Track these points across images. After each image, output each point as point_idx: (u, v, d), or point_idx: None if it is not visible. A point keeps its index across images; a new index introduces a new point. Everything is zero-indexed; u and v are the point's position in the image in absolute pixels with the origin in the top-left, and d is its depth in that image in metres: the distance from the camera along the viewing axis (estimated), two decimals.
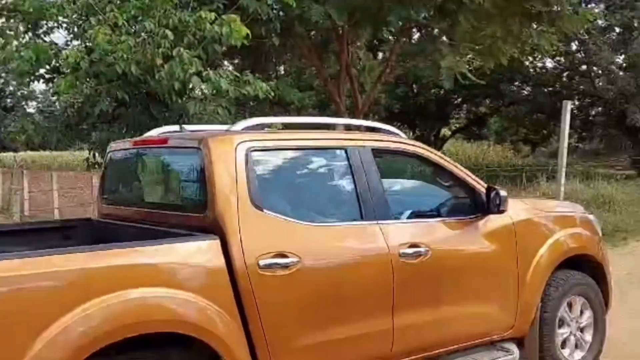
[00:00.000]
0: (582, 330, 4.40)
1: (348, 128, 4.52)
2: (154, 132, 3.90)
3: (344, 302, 3.26)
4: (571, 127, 21.37)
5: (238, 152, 3.12)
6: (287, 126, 4.06)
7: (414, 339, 3.56)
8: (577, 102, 24.26)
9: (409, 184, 4.39)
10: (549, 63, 24.65)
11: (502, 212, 3.84)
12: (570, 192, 11.38)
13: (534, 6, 7.88)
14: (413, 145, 3.95)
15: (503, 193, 3.85)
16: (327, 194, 3.67)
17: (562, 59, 23.67)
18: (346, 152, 3.53)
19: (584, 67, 23.26)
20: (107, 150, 4.16)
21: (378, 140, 3.78)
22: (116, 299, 2.54)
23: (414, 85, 24.57)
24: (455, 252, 3.79)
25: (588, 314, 4.41)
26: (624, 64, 22.64)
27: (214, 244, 2.89)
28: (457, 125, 31.08)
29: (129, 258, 2.71)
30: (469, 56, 9.64)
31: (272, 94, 7.40)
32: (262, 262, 2.95)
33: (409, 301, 3.48)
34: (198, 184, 3.20)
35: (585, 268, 4.43)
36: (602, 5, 22.40)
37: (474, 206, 3.91)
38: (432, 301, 3.63)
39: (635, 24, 22.04)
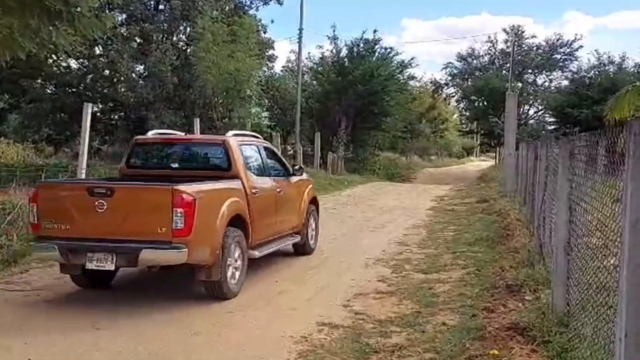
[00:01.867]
0: (314, 225, 9.87)
1: (253, 136, 9.17)
2: (150, 134, 8.67)
3: (267, 208, 7.92)
4: (94, 129, 21.78)
5: (238, 145, 7.70)
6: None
7: (278, 227, 8.39)
8: (100, 105, 24.63)
9: (270, 161, 8.75)
10: (74, 64, 24.42)
11: (300, 175, 9.37)
12: None
13: (54, 4, 7.64)
14: (267, 143, 9.49)
15: (300, 167, 9.89)
16: (258, 164, 8.20)
17: (87, 62, 23.77)
18: (257, 147, 8.42)
19: (107, 72, 23.86)
20: (133, 141, 8.43)
21: (261, 141, 9.08)
22: (233, 200, 6.89)
23: None
24: (286, 191, 8.66)
25: (315, 222, 9.90)
26: (144, 73, 24.12)
27: (239, 182, 7.27)
28: None
29: (229, 184, 7.10)
30: None
31: None
32: (252, 191, 7.40)
33: (278, 211, 8.30)
34: (225, 158, 7.56)
35: (314, 202, 9.94)
36: (124, 15, 23.36)
37: (289, 172, 9.05)
38: (282, 211, 8.45)
39: (154, 37, 23.75)
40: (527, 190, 11.74)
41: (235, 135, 8.15)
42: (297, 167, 9.55)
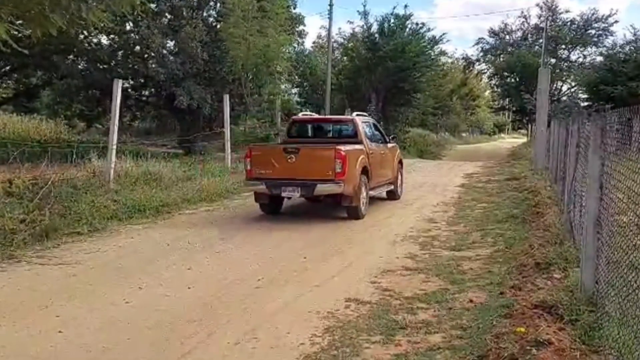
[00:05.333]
0: (400, 179, 13.73)
1: (365, 115, 13.41)
2: (301, 114, 14.74)
3: (377, 164, 11.66)
4: (125, 105, 22.02)
5: (361, 122, 11.93)
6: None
7: (382, 177, 12.18)
8: (131, 82, 24.84)
9: (376, 132, 12.65)
10: (105, 40, 24.62)
11: (393, 142, 13.61)
12: (121, 170, 11.66)
13: None
14: (374, 119, 14.00)
15: (393, 137, 14.70)
16: (370, 134, 12.10)
17: (117, 38, 23.92)
18: (369, 123, 12.67)
19: (138, 48, 23.98)
20: (291, 120, 13.39)
21: (371, 119, 13.58)
22: (362, 157, 10.88)
23: None
24: (386, 153, 12.58)
25: (400, 176, 13.68)
26: (175, 50, 24.19)
27: (363, 146, 11.23)
28: (4, 96, 28.38)
29: (359, 147, 11.06)
30: (19, 22, 8.89)
31: None
32: (369, 152, 11.35)
33: (382, 166, 12.14)
34: (353, 131, 11.65)
35: (400, 162, 13.90)
36: None
37: (386, 141, 12.93)
38: (384, 167, 12.31)
39: (184, 13, 23.76)
40: (558, 168, 11.54)
41: (358, 115, 12.59)
42: (391, 137, 13.98)
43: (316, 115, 14.07)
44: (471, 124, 67.42)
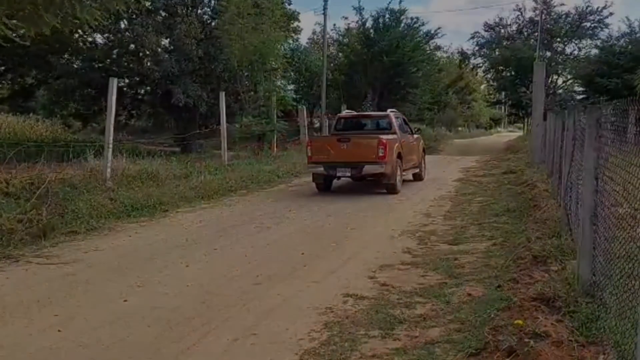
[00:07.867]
0: (424, 163, 16.76)
1: (396, 112, 16.27)
2: (345, 112, 17.32)
3: (406, 150, 14.43)
4: (121, 104, 21.96)
5: (395, 116, 15.05)
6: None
7: (411, 162, 15.02)
8: (127, 80, 24.75)
9: (405, 125, 15.51)
10: (100, 39, 24.54)
11: (418, 134, 17.22)
12: (117, 168, 11.65)
13: None
14: (403, 114, 17.07)
15: (418, 129, 19.53)
16: (401, 127, 14.95)
17: (112, 36, 23.84)
18: (400, 117, 15.52)
19: (133, 46, 23.89)
20: (338, 116, 16.73)
21: (401, 114, 16.33)
22: (397, 144, 13.70)
23: None
24: (412, 142, 15.48)
25: (424, 162, 16.71)
26: (170, 47, 24.11)
27: (396, 136, 14.13)
28: (0, 97, 28.29)
29: (394, 136, 14.00)
30: (14, 21, 8.86)
31: None
32: (401, 140, 14.14)
33: (410, 152, 14.98)
34: (388, 124, 14.70)
35: (424, 151, 17.09)
36: None
37: (412, 132, 16.08)
38: (411, 153, 15.16)
39: (179, 10, 23.69)
40: (555, 161, 11.56)
41: (391, 111, 15.25)
42: (416, 129, 17.54)
43: (352, 112, 17.43)
44: (467, 118, 67.38)
